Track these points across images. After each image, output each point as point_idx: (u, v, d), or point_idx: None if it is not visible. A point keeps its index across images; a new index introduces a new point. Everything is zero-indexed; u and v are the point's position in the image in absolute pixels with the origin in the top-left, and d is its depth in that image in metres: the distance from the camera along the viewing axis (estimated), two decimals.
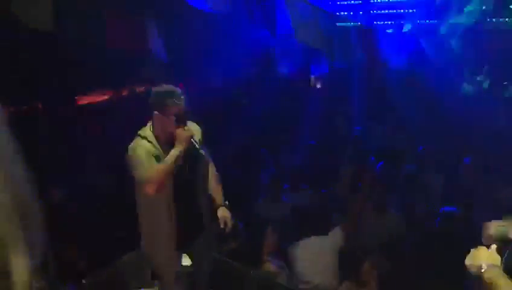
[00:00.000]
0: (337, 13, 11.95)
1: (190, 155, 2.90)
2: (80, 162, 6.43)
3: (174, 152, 2.80)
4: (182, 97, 2.84)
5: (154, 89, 2.86)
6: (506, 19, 9.25)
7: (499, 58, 9.12)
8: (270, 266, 3.73)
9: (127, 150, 2.90)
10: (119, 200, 4.98)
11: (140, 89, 10.48)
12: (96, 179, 6.11)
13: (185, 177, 2.96)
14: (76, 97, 8.80)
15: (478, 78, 8.71)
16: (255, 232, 4.31)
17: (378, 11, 11.35)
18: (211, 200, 3.20)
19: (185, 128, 2.85)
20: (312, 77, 11.58)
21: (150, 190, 2.77)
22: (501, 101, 8.08)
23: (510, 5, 8.43)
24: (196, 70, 9.40)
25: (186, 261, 3.45)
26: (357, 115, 8.31)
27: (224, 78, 10.23)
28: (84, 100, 9.15)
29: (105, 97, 9.96)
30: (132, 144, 2.91)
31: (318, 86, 11.43)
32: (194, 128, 3.04)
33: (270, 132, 7.91)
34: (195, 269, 3.37)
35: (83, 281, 3.61)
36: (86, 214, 5.00)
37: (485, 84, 8.70)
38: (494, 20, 8.66)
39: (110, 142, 6.82)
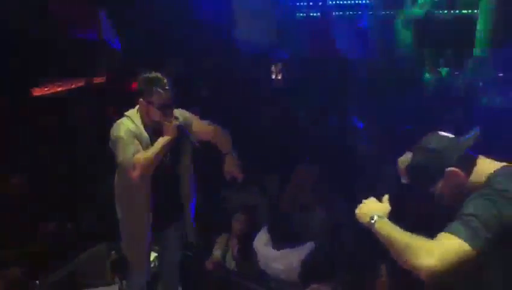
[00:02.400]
0: (297, 3, 12.05)
1: (174, 145, 2.88)
2: (33, 153, 6.15)
3: (163, 140, 2.76)
4: (168, 86, 2.80)
5: (141, 75, 2.82)
6: (457, 10, 9.65)
7: (452, 48, 9.49)
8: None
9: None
10: (75, 192, 4.85)
11: (97, 79, 10.16)
12: (52, 171, 5.88)
13: (165, 165, 2.93)
14: (30, 88, 8.40)
15: (436, 68, 8.99)
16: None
17: (336, 2, 11.51)
18: (188, 193, 3.17)
19: (172, 119, 2.80)
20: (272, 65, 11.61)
21: (134, 175, 2.71)
22: (458, 90, 8.38)
23: None
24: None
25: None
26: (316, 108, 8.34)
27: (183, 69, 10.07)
28: (39, 91, 8.77)
29: (61, 88, 9.58)
30: (116, 124, 2.87)
31: (276, 75, 11.43)
32: (184, 115, 3.00)
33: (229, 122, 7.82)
34: (163, 260, 3.33)
35: (37, 282, 3.47)
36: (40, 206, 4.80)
37: (444, 73, 9.03)
38: (445, 11, 8.99)
39: (67, 134, 6.61)
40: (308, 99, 8.04)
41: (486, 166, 1.76)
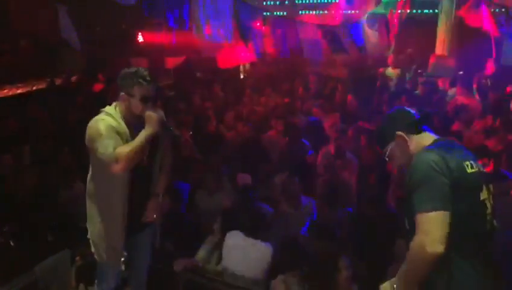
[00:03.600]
0: (264, 3, 12.09)
1: (154, 140, 2.82)
2: None
3: (145, 133, 2.71)
4: (150, 79, 2.76)
5: (123, 70, 2.78)
6: (419, 10, 9.92)
7: (415, 47, 9.77)
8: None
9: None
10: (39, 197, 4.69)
11: (58, 80, 9.91)
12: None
13: (143, 161, 2.87)
14: None
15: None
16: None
17: (303, 1, 11.63)
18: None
19: (154, 111, 2.73)
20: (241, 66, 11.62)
21: (117, 168, 2.65)
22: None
23: None
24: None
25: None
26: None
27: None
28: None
29: (22, 90, 9.30)
30: (95, 120, 2.79)
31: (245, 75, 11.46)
32: (160, 113, 2.95)
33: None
34: (133, 265, 3.24)
35: None
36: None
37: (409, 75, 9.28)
38: (408, 11, 9.22)
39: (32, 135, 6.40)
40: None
41: (426, 139, 2.10)
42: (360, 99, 7.87)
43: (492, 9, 8.48)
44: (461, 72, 8.80)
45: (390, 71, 9.15)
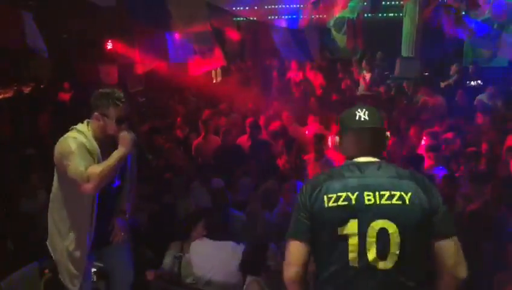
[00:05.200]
0: (233, 8, 12.16)
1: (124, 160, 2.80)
2: None
3: (118, 153, 2.69)
4: (124, 100, 2.74)
5: (98, 90, 2.75)
6: (384, 14, 10.21)
7: (381, 49, 10.03)
8: None
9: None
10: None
11: (26, 88, 9.69)
12: None
13: (114, 182, 2.86)
14: None
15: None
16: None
17: (272, 6, 11.74)
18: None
19: (127, 132, 2.72)
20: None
21: (88, 188, 2.61)
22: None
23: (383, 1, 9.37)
24: None
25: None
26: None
27: None
28: None
29: None
30: (66, 137, 2.75)
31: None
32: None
33: None
34: (114, 278, 3.21)
35: None
36: None
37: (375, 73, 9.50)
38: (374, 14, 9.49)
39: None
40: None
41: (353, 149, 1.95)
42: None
43: (451, 13, 8.83)
44: (426, 73, 9.09)
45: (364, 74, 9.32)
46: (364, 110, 1.91)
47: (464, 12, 8.77)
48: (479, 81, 8.32)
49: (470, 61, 8.80)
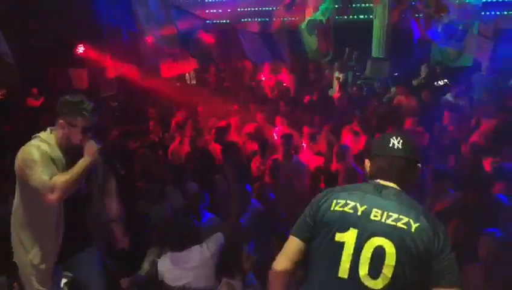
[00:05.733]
0: (206, 11, 12.15)
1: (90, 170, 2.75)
2: None
3: (84, 162, 2.63)
4: (93, 112, 2.71)
5: (64, 97, 2.68)
6: (355, 16, 10.38)
7: (353, 51, 10.18)
8: None
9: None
10: None
11: None
12: None
13: (80, 191, 2.78)
14: None
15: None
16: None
17: (244, 9, 11.79)
18: (100, 216, 3.05)
19: (94, 141, 2.68)
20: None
21: (53, 198, 2.54)
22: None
23: (353, 3, 9.54)
24: None
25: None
26: None
27: None
28: None
29: None
30: (29, 145, 2.66)
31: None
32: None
33: None
34: (84, 284, 3.14)
35: None
36: None
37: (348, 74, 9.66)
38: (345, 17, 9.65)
39: None
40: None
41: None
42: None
43: (418, 15, 9.08)
44: (396, 74, 9.29)
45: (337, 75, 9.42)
46: (399, 138, 1.91)
47: (431, 15, 9.02)
48: (446, 81, 8.55)
49: (437, 62, 9.04)
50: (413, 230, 1.75)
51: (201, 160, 5.68)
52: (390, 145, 1.90)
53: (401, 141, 1.90)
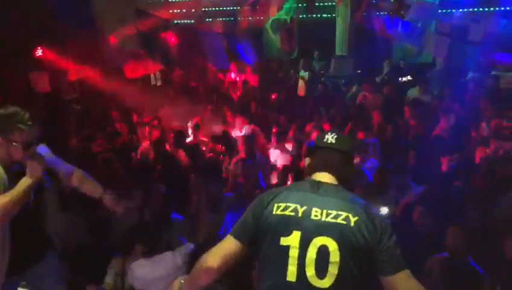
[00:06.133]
0: (169, 11, 12.01)
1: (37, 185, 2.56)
2: None
3: (26, 183, 2.46)
4: (31, 122, 2.50)
5: None
6: (318, 15, 10.52)
7: (317, 49, 10.33)
8: None
9: None
10: None
11: None
12: None
13: (26, 207, 2.58)
14: None
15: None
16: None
17: (208, 9, 11.73)
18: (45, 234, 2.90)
19: (36, 158, 2.48)
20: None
21: None
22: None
23: (316, 2, 9.68)
24: None
25: None
26: None
27: None
28: None
29: None
30: None
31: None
32: (48, 154, 2.71)
33: None
34: None
35: None
36: None
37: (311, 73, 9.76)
38: (309, 16, 9.77)
39: None
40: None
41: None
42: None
43: (380, 13, 9.31)
44: (359, 71, 9.49)
45: (302, 74, 9.48)
46: (334, 134, 2.00)
47: (392, 13, 9.25)
48: (409, 77, 8.80)
49: (398, 59, 9.30)
50: (352, 224, 1.79)
51: (167, 162, 5.61)
52: (325, 140, 1.99)
53: (335, 136, 1.99)
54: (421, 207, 3.74)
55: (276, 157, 5.85)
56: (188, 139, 6.46)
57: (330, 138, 1.98)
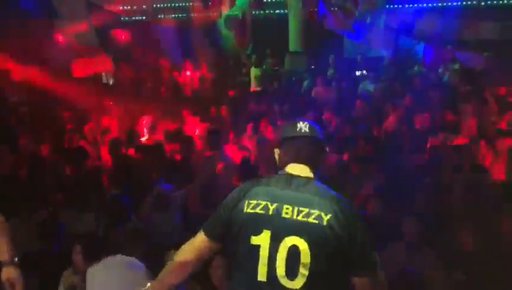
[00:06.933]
0: (120, 7, 11.67)
1: None
2: None
3: None
4: None
5: None
6: (271, 11, 10.58)
7: (270, 45, 10.38)
8: None
9: None
10: None
11: None
12: None
13: None
14: None
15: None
16: None
17: (161, 5, 11.51)
18: None
19: None
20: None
21: None
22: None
23: None
24: None
25: None
26: None
27: None
28: None
29: None
30: None
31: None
32: None
33: None
34: None
35: None
36: None
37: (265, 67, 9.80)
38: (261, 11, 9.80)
39: None
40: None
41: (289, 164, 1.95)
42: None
43: (332, 9, 9.49)
44: (313, 66, 9.63)
45: (253, 70, 9.48)
46: (305, 123, 1.94)
47: (343, 8, 9.45)
48: (363, 71, 9.02)
49: (349, 53, 9.52)
50: (324, 223, 1.73)
51: (121, 164, 5.43)
52: (298, 129, 1.92)
53: (307, 124, 1.93)
54: (376, 199, 3.84)
55: (233, 154, 5.83)
56: (143, 139, 6.30)
57: (303, 127, 1.91)
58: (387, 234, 3.55)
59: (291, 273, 1.73)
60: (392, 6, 9.95)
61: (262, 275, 1.76)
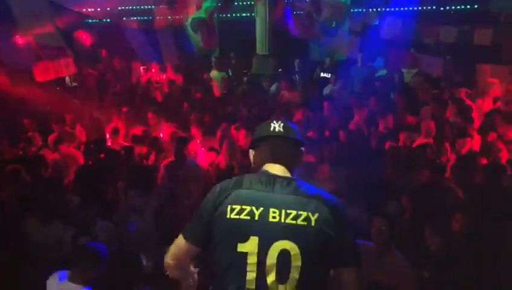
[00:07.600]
0: (84, 9, 11.40)
1: None
2: None
3: None
4: None
5: None
6: (238, 14, 10.61)
7: (237, 48, 10.42)
8: None
9: None
10: None
11: None
12: None
13: None
14: None
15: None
16: None
17: (125, 7, 11.32)
18: None
19: None
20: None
21: None
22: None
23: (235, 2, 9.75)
24: None
25: None
26: None
27: None
28: None
29: None
30: None
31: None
32: None
33: None
34: None
35: None
36: None
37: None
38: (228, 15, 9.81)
39: None
40: None
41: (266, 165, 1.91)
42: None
43: (296, 13, 9.62)
44: (280, 70, 9.73)
45: (215, 73, 9.46)
46: (280, 122, 1.91)
47: (308, 12, 9.58)
48: (330, 74, 9.17)
49: (314, 57, 9.68)
50: (313, 224, 1.72)
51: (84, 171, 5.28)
52: (272, 129, 1.89)
53: (282, 124, 1.91)
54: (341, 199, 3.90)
55: (202, 156, 5.80)
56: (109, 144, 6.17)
57: (277, 126, 1.89)
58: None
59: (282, 278, 1.70)
60: (356, 10, 10.18)
61: (250, 283, 1.70)
